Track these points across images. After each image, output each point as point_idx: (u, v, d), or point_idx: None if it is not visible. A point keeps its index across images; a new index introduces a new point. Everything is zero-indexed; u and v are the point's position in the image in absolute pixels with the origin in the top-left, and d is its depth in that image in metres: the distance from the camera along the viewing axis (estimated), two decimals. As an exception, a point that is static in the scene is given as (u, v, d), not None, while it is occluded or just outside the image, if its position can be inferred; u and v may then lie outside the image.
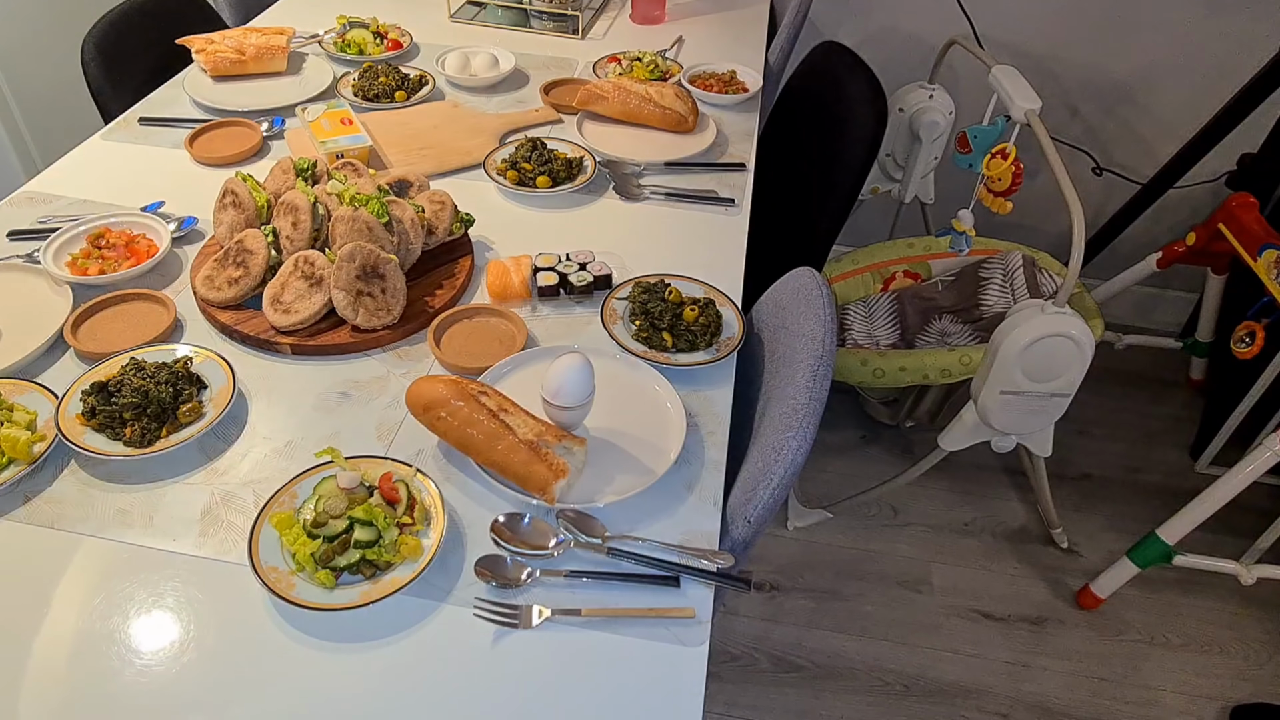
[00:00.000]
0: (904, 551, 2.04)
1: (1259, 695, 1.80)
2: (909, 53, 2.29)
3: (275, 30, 1.72)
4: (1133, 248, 2.36)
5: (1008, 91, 1.68)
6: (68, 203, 1.35)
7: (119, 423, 0.96)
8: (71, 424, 0.96)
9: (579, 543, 0.90)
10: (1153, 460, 2.29)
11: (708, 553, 0.89)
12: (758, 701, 1.74)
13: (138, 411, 0.96)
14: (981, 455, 1.93)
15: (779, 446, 0.94)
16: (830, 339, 1.02)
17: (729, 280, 1.25)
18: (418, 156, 1.48)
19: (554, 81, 1.71)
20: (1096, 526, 2.11)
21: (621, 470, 0.97)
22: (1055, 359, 1.55)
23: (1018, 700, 1.77)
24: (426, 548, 0.86)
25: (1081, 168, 2.37)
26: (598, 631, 0.83)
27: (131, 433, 0.95)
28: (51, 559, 0.86)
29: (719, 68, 1.77)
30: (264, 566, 0.83)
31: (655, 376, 1.08)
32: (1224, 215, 1.94)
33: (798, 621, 1.88)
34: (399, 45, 1.80)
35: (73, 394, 0.98)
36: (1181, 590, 1.98)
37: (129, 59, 1.72)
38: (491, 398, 0.95)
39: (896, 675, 1.80)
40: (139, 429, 0.95)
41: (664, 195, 1.44)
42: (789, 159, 1.88)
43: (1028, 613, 1.93)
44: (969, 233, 1.86)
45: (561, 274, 1.21)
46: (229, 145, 1.47)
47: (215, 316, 1.13)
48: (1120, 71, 2.25)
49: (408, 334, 1.14)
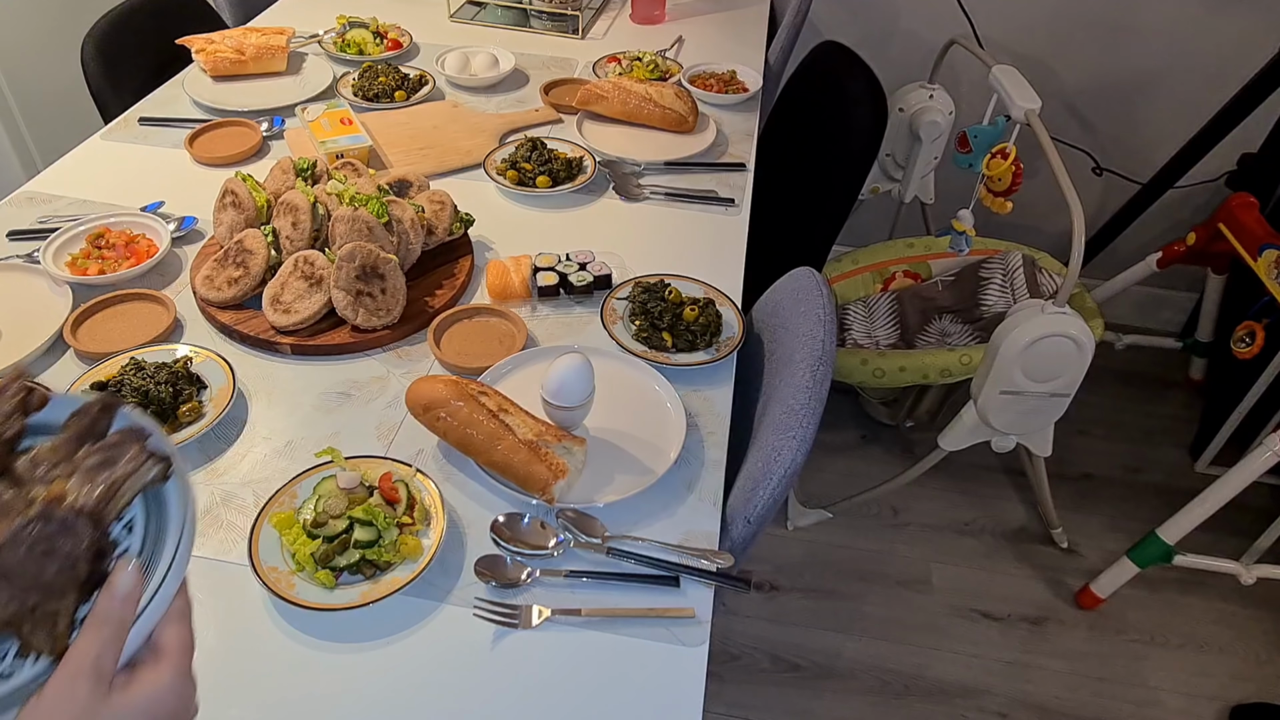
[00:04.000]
0: (904, 551, 2.04)
1: (1259, 695, 1.80)
2: (909, 53, 2.29)
3: (275, 30, 1.72)
4: (1133, 248, 2.36)
5: (1008, 91, 1.68)
6: (68, 203, 1.35)
7: (119, 423, 0.95)
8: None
9: (579, 543, 0.90)
10: (1153, 460, 2.29)
11: (707, 553, 0.89)
12: (758, 701, 1.74)
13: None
14: (981, 455, 1.93)
15: (779, 446, 0.94)
16: (830, 339, 1.02)
17: (729, 280, 1.25)
18: (418, 156, 1.48)
19: (554, 81, 1.71)
20: (1096, 526, 2.11)
21: (621, 470, 0.97)
22: (1055, 359, 1.55)
23: (1018, 700, 1.77)
24: (426, 548, 0.86)
25: (1081, 168, 2.37)
26: (598, 631, 0.83)
27: (131, 433, 0.95)
28: (51, 559, 0.86)
29: (719, 68, 1.77)
30: (264, 566, 0.83)
31: (655, 376, 1.08)
32: (1224, 215, 1.94)
33: (798, 621, 1.88)
34: (399, 45, 1.80)
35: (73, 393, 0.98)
36: (1181, 590, 1.98)
37: (129, 59, 1.72)
38: (491, 398, 0.95)
39: (896, 675, 1.80)
40: (138, 429, 0.95)
41: (664, 195, 1.44)
42: (789, 159, 1.88)
43: (1028, 613, 1.93)
44: (969, 233, 1.86)
45: (561, 274, 1.21)
46: (229, 145, 1.47)
47: (215, 316, 1.13)
48: (1120, 71, 2.25)
49: (408, 334, 1.14)
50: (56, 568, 0.47)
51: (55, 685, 0.45)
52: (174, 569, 0.50)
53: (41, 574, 0.46)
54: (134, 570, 0.48)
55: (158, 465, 0.52)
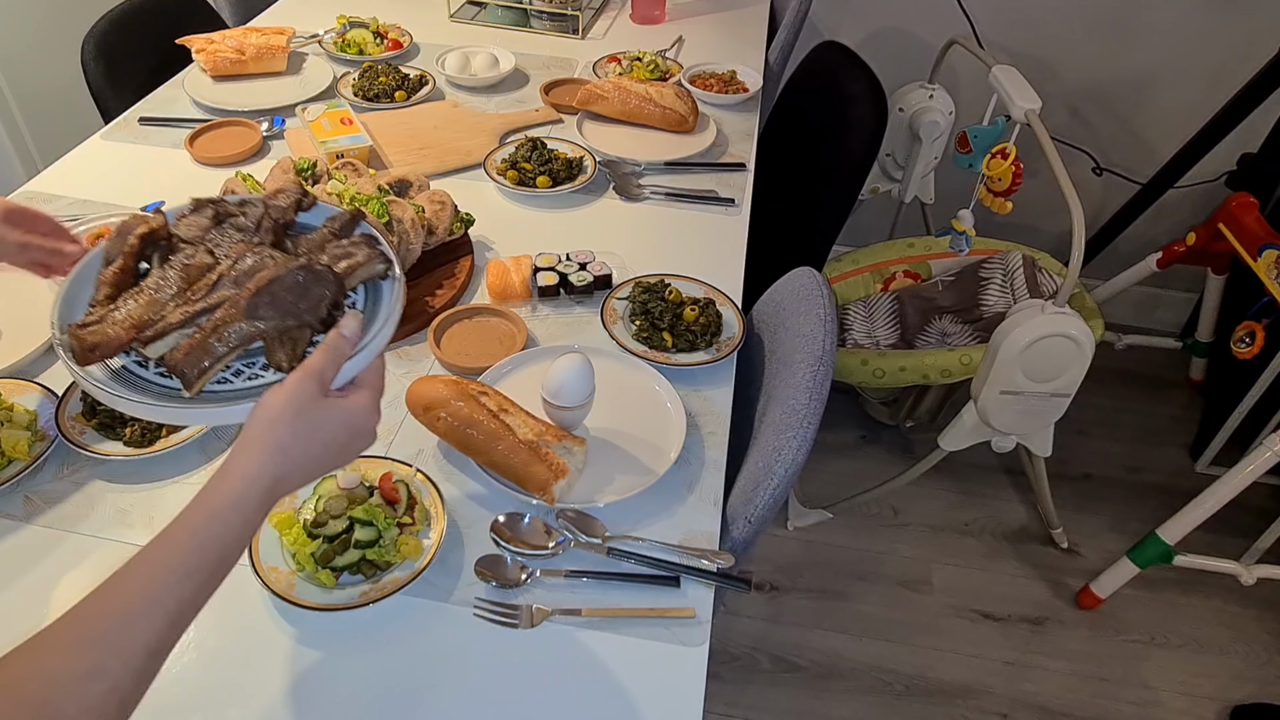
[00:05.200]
0: (904, 551, 2.04)
1: (1259, 695, 1.80)
2: (909, 53, 2.29)
3: (275, 30, 1.72)
4: (1133, 248, 2.36)
5: (1008, 91, 1.68)
6: (68, 203, 1.35)
7: (119, 422, 0.96)
8: (71, 424, 0.96)
9: (579, 543, 0.90)
10: (1153, 460, 2.29)
11: (708, 553, 0.89)
12: (758, 701, 1.74)
13: (138, 411, 0.96)
14: (981, 455, 1.93)
15: (779, 446, 0.94)
16: (830, 339, 1.02)
17: (729, 280, 1.25)
18: (418, 156, 1.48)
19: (554, 81, 1.71)
20: (1096, 526, 2.11)
21: (621, 470, 0.97)
22: (1055, 359, 1.55)
23: (1018, 700, 1.77)
24: (426, 548, 0.86)
25: (1081, 168, 2.37)
26: (598, 631, 0.83)
27: (131, 433, 0.95)
28: (51, 559, 0.86)
29: (719, 68, 1.77)
30: (264, 566, 0.83)
31: (655, 376, 1.08)
32: (1224, 215, 1.94)
33: (798, 621, 1.88)
34: (399, 45, 1.80)
35: (72, 394, 0.98)
36: (1181, 590, 1.98)
37: (129, 59, 1.72)
38: (491, 398, 0.95)
39: (896, 675, 1.80)
40: (139, 429, 0.96)
41: (664, 195, 1.44)
42: (789, 159, 1.88)
43: (1028, 613, 1.93)
44: (969, 233, 1.86)
45: (561, 274, 1.21)
46: (229, 145, 1.47)
47: (215, 316, 1.13)
48: (1120, 71, 2.25)
49: (408, 334, 1.14)
50: (309, 304, 0.66)
51: (294, 378, 0.62)
52: (380, 335, 0.68)
53: (299, 304, 0.66)
54: (356, 318, 0.67)
55: (383, 263, 0.72)
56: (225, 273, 0.68)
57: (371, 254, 0.71)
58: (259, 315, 0.64)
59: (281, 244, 0.72)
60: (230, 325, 0.64)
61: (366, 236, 0.74)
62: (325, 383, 0.63)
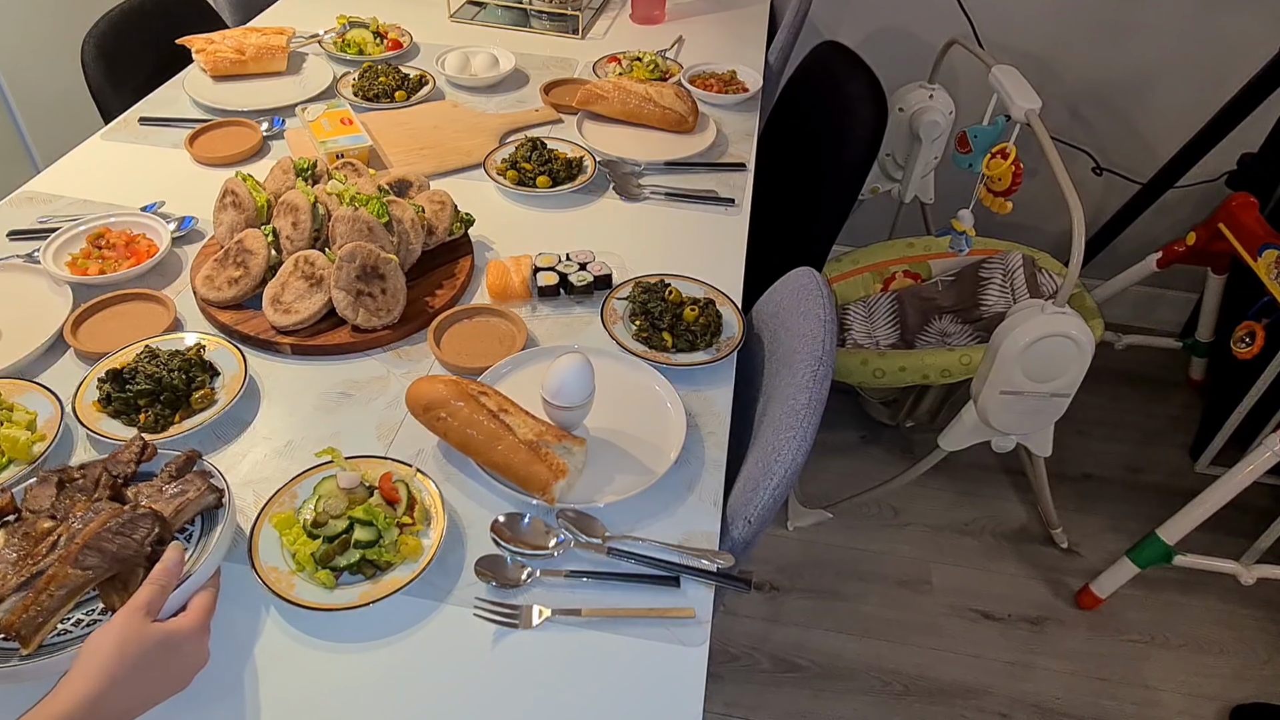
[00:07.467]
0: (904, 551, 2.04)
1: (1259, 695, 1.80)
2: (909, 53, 2.29)
3: (275, 30, 1.72)
4: (1133, 248, 2.36)
5: (1008, 91, 1.68)
6: (68, 203, 1.35)
7: (134, 409, 0.97)
8: (88, 411, 0.98)
9: (579, 543, 0.90)
10: (1153, 460, 2.29)
11: (708, 553, 0.89)
12: (758, 701, 1.74)
13: (151, 398, 0.98)
14: (981, 455, 1.93)
15: (779, 446, 0.94)
16: (830, 339, 1.02)
17: (729, 280, 1.25)
18: (418, 156, 1.48)
19: (554, 81, 1.71)
20: (1096, 526, 2.11)
21: (621, 470, 0.97)
22: (1055, 359, 1.55)
23: (1018, 700, 1.77)
24: (426, 548, 0.86)
25: (1081, 168, 2.37)
26: (598, 631, 0.83)
27: (145, 419, 0.97)
28: (51, 559, 0.86)
29: (719, 68, 1.77)
30: (264, 566, 0.83)
31: (655, 376, 1.08)
32: (1224, 215, 1.94)
33: (798, 621, 1.88)
34: (399, 45, 1.80)
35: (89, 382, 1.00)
36: (1181, 590, 1.98)
37: (129, 59, 1.72)
38: (491, 398, 0.95)
39: (896, 675, 1.80)
40: (153, 415, 0.97)
41: (664, 195, 1.44)
42: (789, 159, 1.88)
43: (1027, 613, 1.93)
44: (969, 233, 1.86)
45: (561, 274, 1.21)
46: (229, 145, 1.47)
47: (215, 316, 1.13)
48: (1120, 71, 2.25)
49: (408, 334, 1.14)
50: (134, 545, 0.74)
51: (121, 615, 0.69)
52: (209, 559, 0.77)
53: (124, 547, 0.73)
54: (178, 550, 0.75)
55: (213, 494, 0.83)
56: (63, 533, 0.75)
57: (202, 489, 0.81)
58: (86, 564, 0.71)
59: (121, 496, 0.80)
60: (59, 578, 0.71)
61: (201, 473, 0.84)
62: (152, 611, 0.70)
